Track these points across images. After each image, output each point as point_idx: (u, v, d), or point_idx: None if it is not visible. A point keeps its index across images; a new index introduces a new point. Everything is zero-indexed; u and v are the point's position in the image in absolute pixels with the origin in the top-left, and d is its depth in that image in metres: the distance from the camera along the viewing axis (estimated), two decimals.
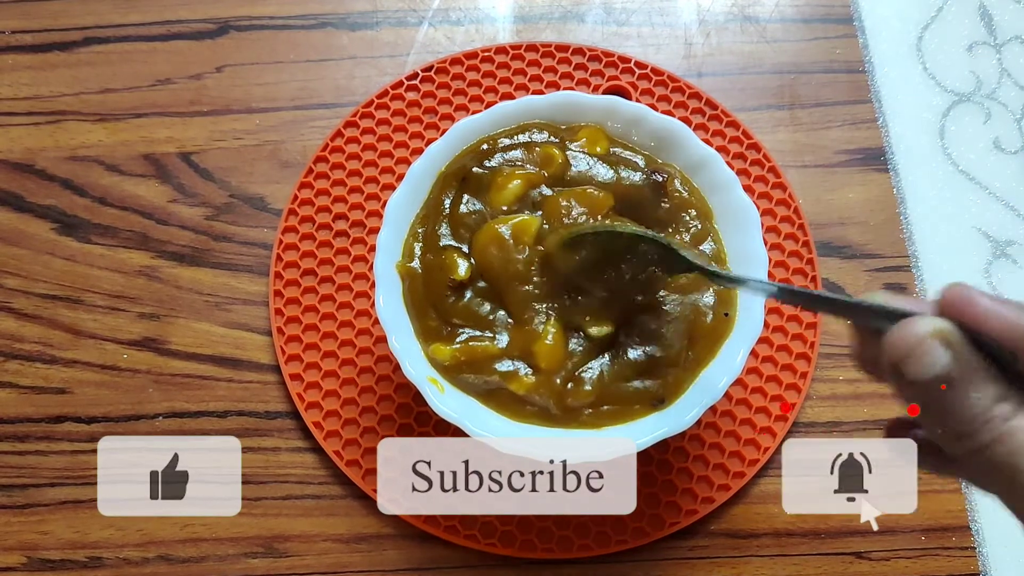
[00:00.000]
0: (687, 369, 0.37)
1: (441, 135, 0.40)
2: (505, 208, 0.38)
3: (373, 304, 0.46)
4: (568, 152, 0.40)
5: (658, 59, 0.52)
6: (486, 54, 0.51)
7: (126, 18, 0.53)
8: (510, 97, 0.50)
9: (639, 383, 0.37)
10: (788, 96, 0.51)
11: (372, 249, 0.47)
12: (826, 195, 0.49)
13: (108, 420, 0.44)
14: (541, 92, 0.50)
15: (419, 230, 0.39)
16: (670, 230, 0.39)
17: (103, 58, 0.52)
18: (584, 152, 0.40)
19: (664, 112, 0.50)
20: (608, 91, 0.50)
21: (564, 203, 0.38)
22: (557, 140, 0.40)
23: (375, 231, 0.47)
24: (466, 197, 0.39)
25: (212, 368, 0.45)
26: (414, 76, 0.50)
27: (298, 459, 0.43)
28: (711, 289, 0.38)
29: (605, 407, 0.37)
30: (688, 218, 0.39)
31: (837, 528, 0.43)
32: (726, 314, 0.37)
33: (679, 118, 0.49)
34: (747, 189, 0.48)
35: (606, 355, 0.37)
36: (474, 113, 0.49)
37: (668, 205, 0.39)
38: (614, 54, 0.51)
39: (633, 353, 0.37)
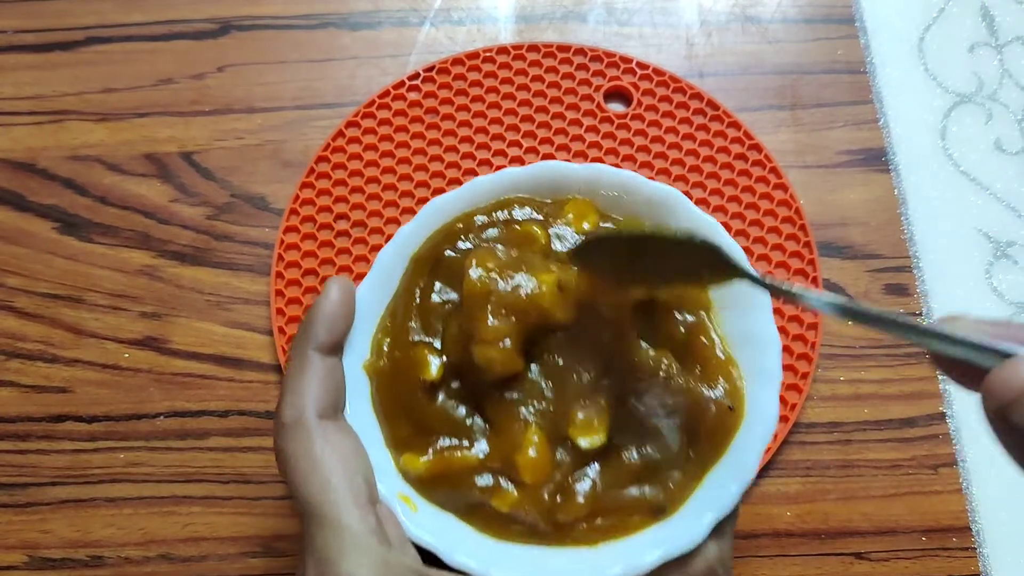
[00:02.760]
0: (690, 472, 0.32)
1: (446, 133, 0.39)
2: None
3: None
4: (553, 230, 0.34)
5: (660, 59, 0.52)
6: (488, 54, 0.51)
7: (128, 18, 0.53)
8: (511, 98, 0.50)
9: (637, 490, 0.32)
10: (790, 97, 0.51)
11: (373, 249, 0.47)
12: (827, 196, 0.49)
13: (109, 419, 0.44)
14: (543, 93, 0.50)
15: (387, 323, 0.34)
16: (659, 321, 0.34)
17: (105, 58, 0.52)
18: (571, 229, 0.35)
19: (665, 113, 0.50)
20: (609, 91, 0.50)
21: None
22: (540, 217, 0.35)
23: (376, 231, 0.47)
24: (438, 285, 0.34)
25: (213, 367, 0.45)
26: (416, 76, 0.50)
27: None
28: (717, 380, 0.33)
29: (600, 520, 0.32)
30: (678, 311, 0.34)
31: (837, 528, 0.43)
32: (730, 407, 0.32)
33: (680, 119, 0.50)
34: (748, 190, 0.48)
35: (597, 460, 0.33)
36: (476, 115, 0.50)
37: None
38: (616, 54, 0.51)
39: (627, 455, 0.32)
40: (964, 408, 0.45)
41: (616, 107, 0.50)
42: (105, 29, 0.52)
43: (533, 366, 0.32)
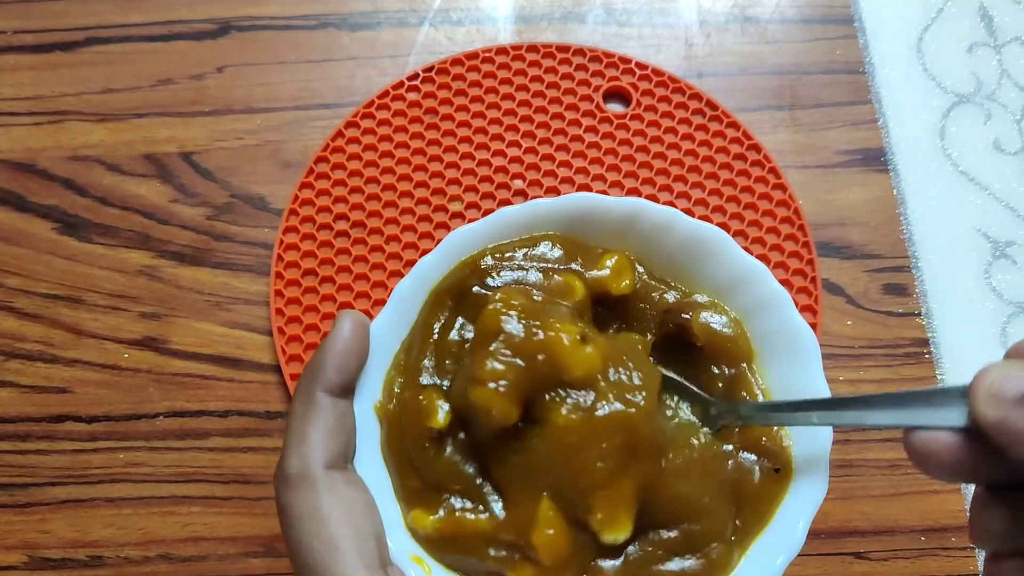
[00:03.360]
0: (735, 542, 0.29)
1: (445, 133, 0.39)
2: None
3: (374, 305, 0.46)
4: (590, 274, 0.32)
5: (659, 60, 0.52)
6: (487, 55, 0.51)
7: (128, 18, 0.53)
8: (511, 98, 0.50)
9: (676, 564, 0.29)
10: (788, 97, 0.51)
11: (373, 250, 0.47)
12: (826, 196, 0.49)
13: (109, 419, 0.44)
14: (542, 94, 0.50)
15: (401, 361, 0.31)
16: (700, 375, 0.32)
17: (105, 58, 0.52)
18: (606, 273, 0.32)
19: (664, 113, 0.50)
20: (608, 92, 0.50)
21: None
22: (576, 267, 0.32)
23: (376, 231, 0.47)
24: (460, 321, 0.30)
25: (213, 368, 0.45)
26: (415, 76, 0.50)
27: None
28: (761, 440, 0.30)
29: None
30: (716, 366, 0.31)
31: (836, 528, 0.43)
32: (776, 470, 0.30)
33: (679, 119, 0.50)
34: (747, 190, 0.48)
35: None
36: (475, 115, 0.50)
37: (699, 345, 0.31)
38: (615, 55, 0.51)
39: (666, 531, 0.29)
40: None
41: (615, 107, 0.50)
42: (104, 30, 0.52)
43: (542, 431, 0.28)
